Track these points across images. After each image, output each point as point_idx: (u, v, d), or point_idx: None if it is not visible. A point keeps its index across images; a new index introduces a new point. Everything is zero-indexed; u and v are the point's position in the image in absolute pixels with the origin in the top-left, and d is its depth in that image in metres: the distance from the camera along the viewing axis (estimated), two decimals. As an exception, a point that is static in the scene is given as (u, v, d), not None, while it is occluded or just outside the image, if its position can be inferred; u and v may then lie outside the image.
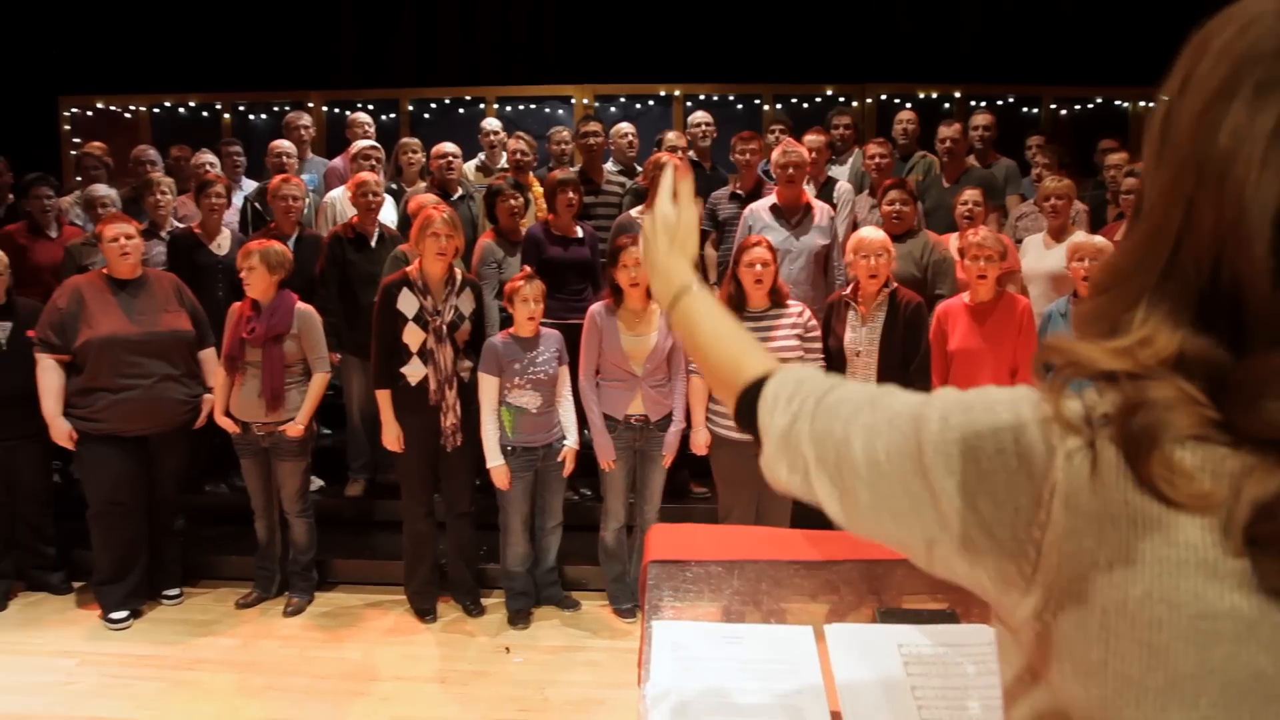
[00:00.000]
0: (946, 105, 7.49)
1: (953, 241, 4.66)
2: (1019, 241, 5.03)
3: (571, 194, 4.66)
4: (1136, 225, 0.71)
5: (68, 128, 7.86)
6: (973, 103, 7.23)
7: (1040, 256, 4.77)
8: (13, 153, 6.05)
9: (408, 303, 3.98)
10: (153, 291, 4.24)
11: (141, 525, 4.28)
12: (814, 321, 3.96)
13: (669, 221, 1.16)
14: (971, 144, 5.79)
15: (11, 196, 5.82)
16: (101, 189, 5.35)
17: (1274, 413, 0.59)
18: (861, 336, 3.94)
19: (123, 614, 4.21)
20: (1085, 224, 5.13)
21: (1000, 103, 7.36)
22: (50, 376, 4.09)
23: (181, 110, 7.91)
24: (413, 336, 3.98)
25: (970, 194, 4.77)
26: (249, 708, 3.52)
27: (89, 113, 7.91)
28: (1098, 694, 0.63)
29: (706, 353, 1.05)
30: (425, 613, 4.27)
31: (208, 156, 6.04)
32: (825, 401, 0.85)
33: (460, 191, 5.47)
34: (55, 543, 4.63)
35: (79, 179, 6.28)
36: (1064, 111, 7.61)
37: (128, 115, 7.91)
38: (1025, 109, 7.57)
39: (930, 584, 1.45)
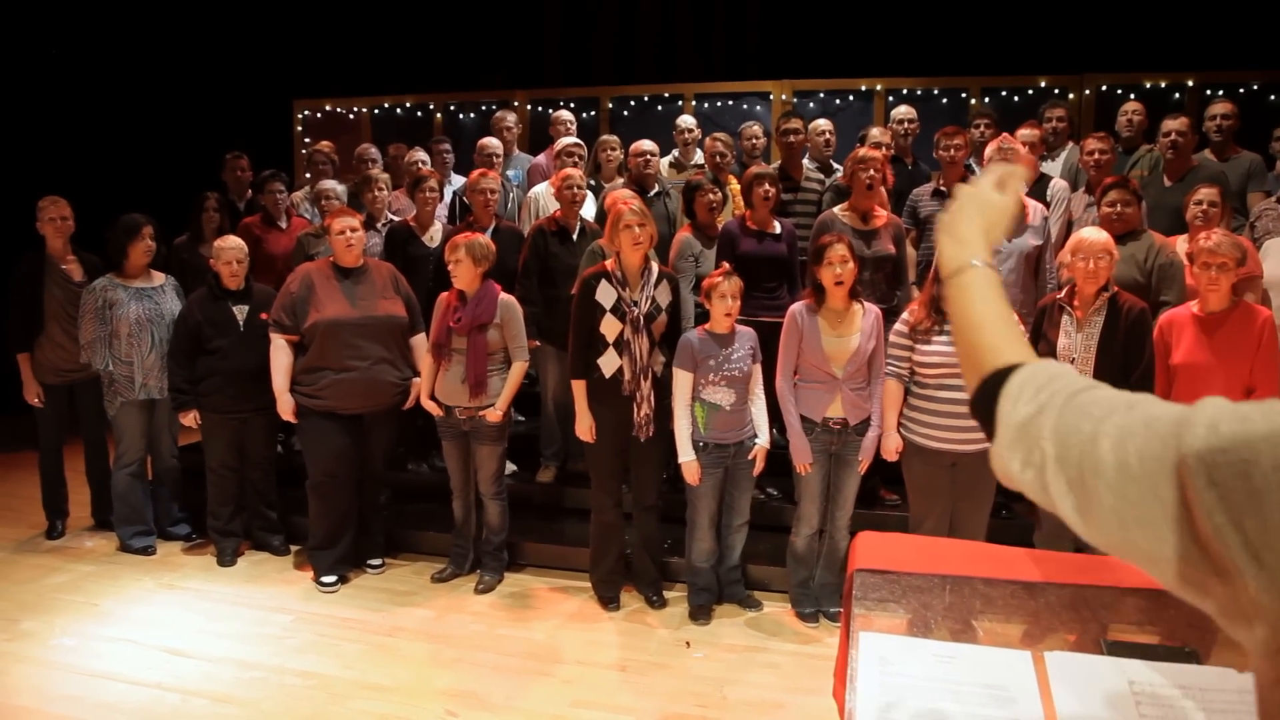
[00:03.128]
0: (1177, 95, 6.87)
1: (1181, 244, 4.27)
2: (1259, 243, 4.55)
3: (768, 187, 4.60)
4: None
5: (300, 128, 8.54)
6: (1209, 91, 6.59)
7: (1284, 261, 4.30)
8: (252, 151, 6.61)
9: (606, 294, 4.05)
10: (372, 279, 4.52)
11: (353, 498, 4.59)
12: (1022, 327, 3.74)
13: (986, 199, 1.13)
14: (1208, 136, 5.28)
15: (250, 191, 6.36)
16: (329, 184, 5.75)
17: None
18: (1077, 343, 3.67)
19: (332, 579, 4.53)
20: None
21: (1242, 90, 6.68)
22: (281, 355, 4.44)
23: (398, 110, 8.42)
24: (610, 327, 4.05)
25: (1206, 192, 4.33)
26: (440, 677, 3.69)
27: (318, 114, 8.55)
28: None
29: (968, 331, 1.00)
30: (609, 601, 4.35)
31: (420, 154, 6.37)
32: (1078, 399, 0.79)
33: (656, 188, 5.52)
34: (277, 508, 5.04)
35: (308, 175, 6.79)
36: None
37: (351, 116, 8.50)
38: (1273, 97, 6.83)
39: (1166, 618, 1.32)
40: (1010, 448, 0.83)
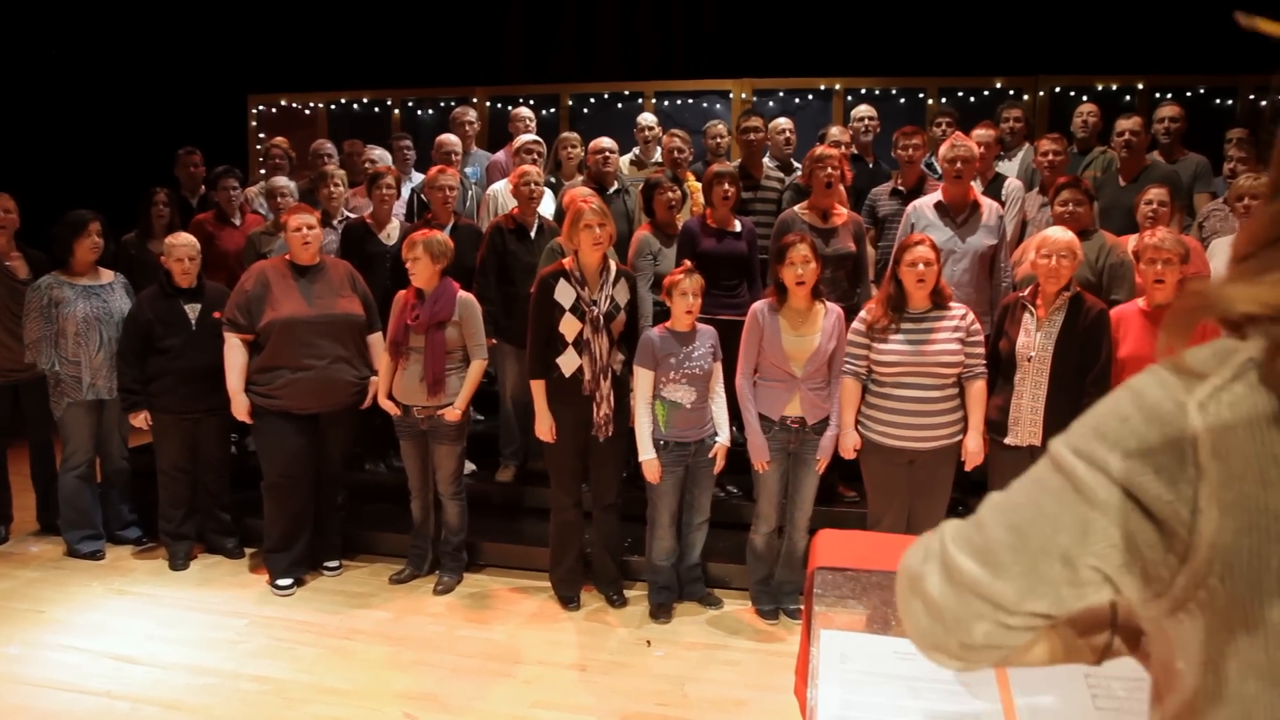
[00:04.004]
0: (1128, 97, 7.01)
1: (1131, 243, 4.35)
2: (1206, 244, 4.65)
3: (728, 186, 4.61)
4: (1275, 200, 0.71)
5: (255, 124, 8.40)
6: (1158, 94, 6.73)
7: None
8: (206, 147, 6.50)
9: (564, 293, 4.03)
10: (329, 277, 4.46)
11: (309, 499, 4.52)
12: (977, 325, 3.77)
13: None
14: (1157, 138, 5.40)
15: (203, 188, 6.25)
16: (281, 181, 5.67)
17: None
18: (1036, 341, 3.72)
19: (288, 581, 4.46)
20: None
21: (1189, 94, 6.83)
22: (236, 354, 4.36)
23: (355, 106, 8.32)
24: (569, 327, 4.03)
25: (1156, 192, 4.42)
26: (398, 680, 3.65)
27: (274, 110, 8.42)
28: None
29: None
30: (569, 600, 4.33)
31: (377, 151, 6.31)
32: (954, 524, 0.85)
33: (615, 185, 5.51)
34: (231, 510, 4.94)
35: (264, 171, 6.69)
36: (1264, 103, 6.98)
37: (307, 111, 8.38)
38: (1218, 100, 6.99)
39: (1121, 610, 1.33)
40: (911, 553, 0.89)
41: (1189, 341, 0.68)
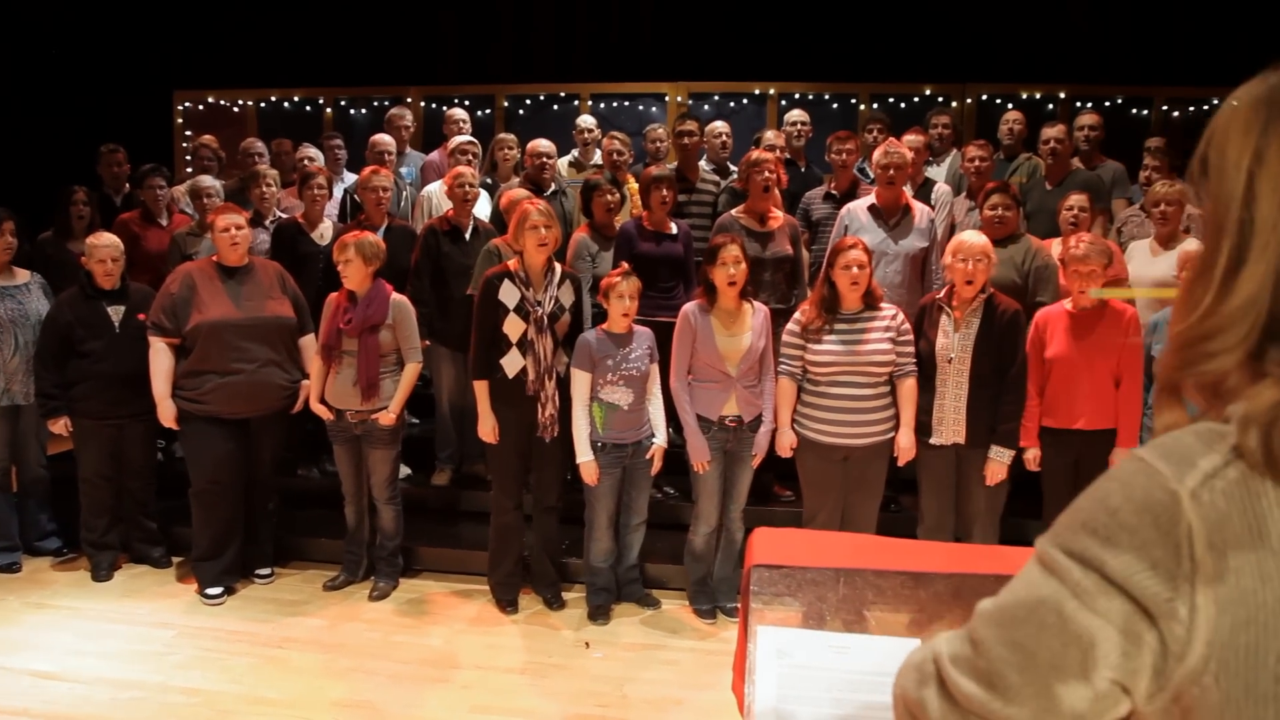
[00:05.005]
0: (1050, 106, 7.24)
1: (1055, 247, 4.50)
2: (1124, 247, 4.83)
3: (666, 190, 4.64)
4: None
5: (180, 121, 8.18)
6: (1079, 103, 6.97)
7: (1146, 263, 4.57)
8: (130, 144, 6.31)
9: (509, 294, 4.01)
10: (258, 279, 4.37)
11: (239, 505, 4.42)
12: (907, 325, 3.87)
13: None
14: (1077, 145, 5.59)
15: (128, 186, 6.07)
16: (207, 180, 5.54)
17: None
18: (954, 342, 3.82)
19: (218, 590, 4.35)
20: (1201, 230, 4.89)
21: (1108, 103, 7.08)
22: (161, 358, 4.25)
23: (286, 104, 8.16)
24: (513, 327, 4.01)
25: (1076, 199, 4.59)
26: (334, 688, 3.59)
27: (200, 106, 8.22)
28: None
29: None
30: (507, 604, 4.31)
31: (310, 151, 6.21)
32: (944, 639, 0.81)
33: (554, 187, 5.50)
34: (157, 519, 4.81)
35: (190, 170, 6.53)
36: (1176, 113, 7.28)
37: (236, 109, 8.20)
38: (1135, 110, 7.27)
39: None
40: (905, 675, 0.85)
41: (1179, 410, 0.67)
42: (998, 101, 7.19)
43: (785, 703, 1.18)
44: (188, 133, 8.00)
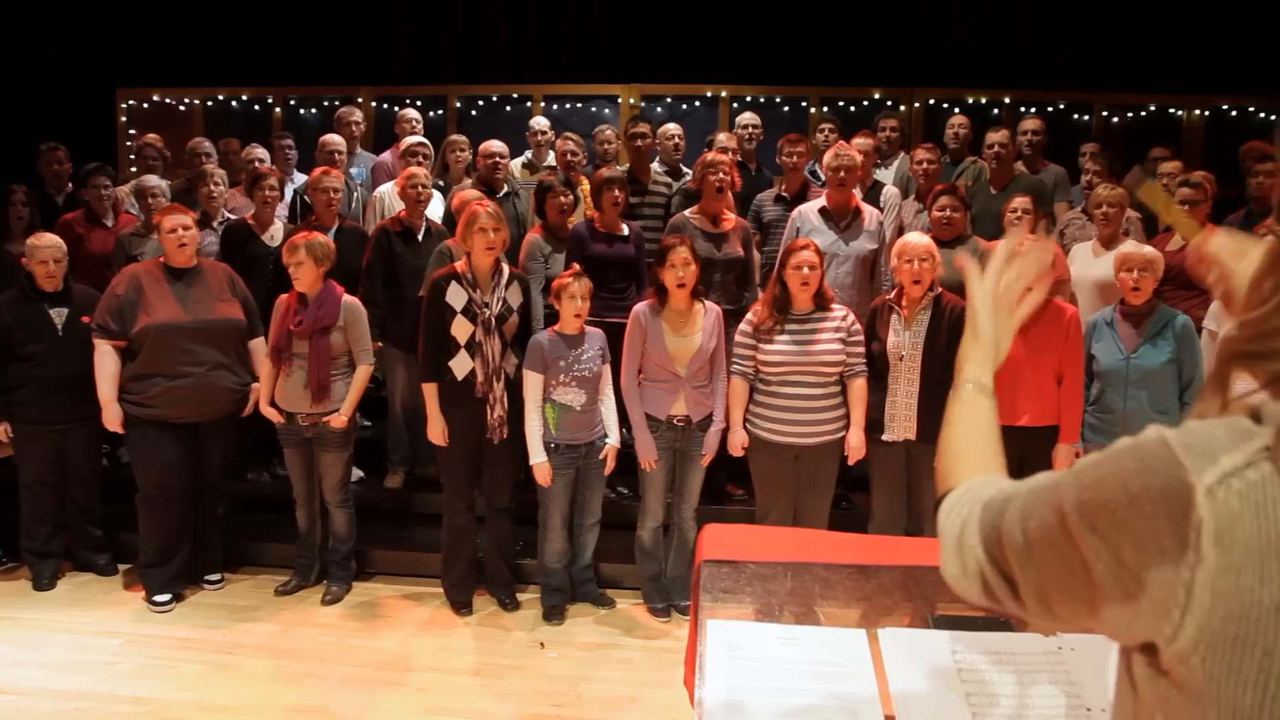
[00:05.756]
0: (996, 111, 7.40)
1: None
2: (1067, 249, 4.95)
3: (618, 192, 4.66)
4: None
5: (124, 119, 8.01)
6: (1022, 108, 7.13)
7: (1088, 264, 4.69)
8: (71, 142, 6.17)
9: (456, 296, 4.01)
10: (207, 281, 4.31)
11: (187, 511, 4.35)
12: (857, 325, 3.94)
13: (1006, 299, 1.17)
14: (1020, 150, 5.72)
15: (70, 186, 5.94)
16: (152, 180, 5.44)
17: None
18: (905, 341, 3.90)
19: (166, 597, 4.28)
20: (1139, 232, 5.05)
21: (1050, 109, 7.26)
22: (107, 362, 4.17)
23: (234, 103, 8.03)
24: (461, 329, 4.01)
25: (1020, 201, 4.69)
26: (286, 694, 3.56)
27: (145, 105, 8.06)
28: None
29: (947, 445, 1.09)
30: (461, 606, 4.30)
31: (259, 151, 6.12)
32: (986, 498, 0.87)
33: (506, 189, 5.50)
34: (102, 525, 4.71)
35: (134, 170, 6.40)
36: (1115, 119, 7.49)
37: (182, 108, 8.05)
38: (1076, 116, 7.46)
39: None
40: (951, 561, 0.90)
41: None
42: (944, 106, 7.33)
43: (735, 694, 1.21)
44: (131, 131, 7.84)
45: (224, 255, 4.91)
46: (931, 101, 7.51)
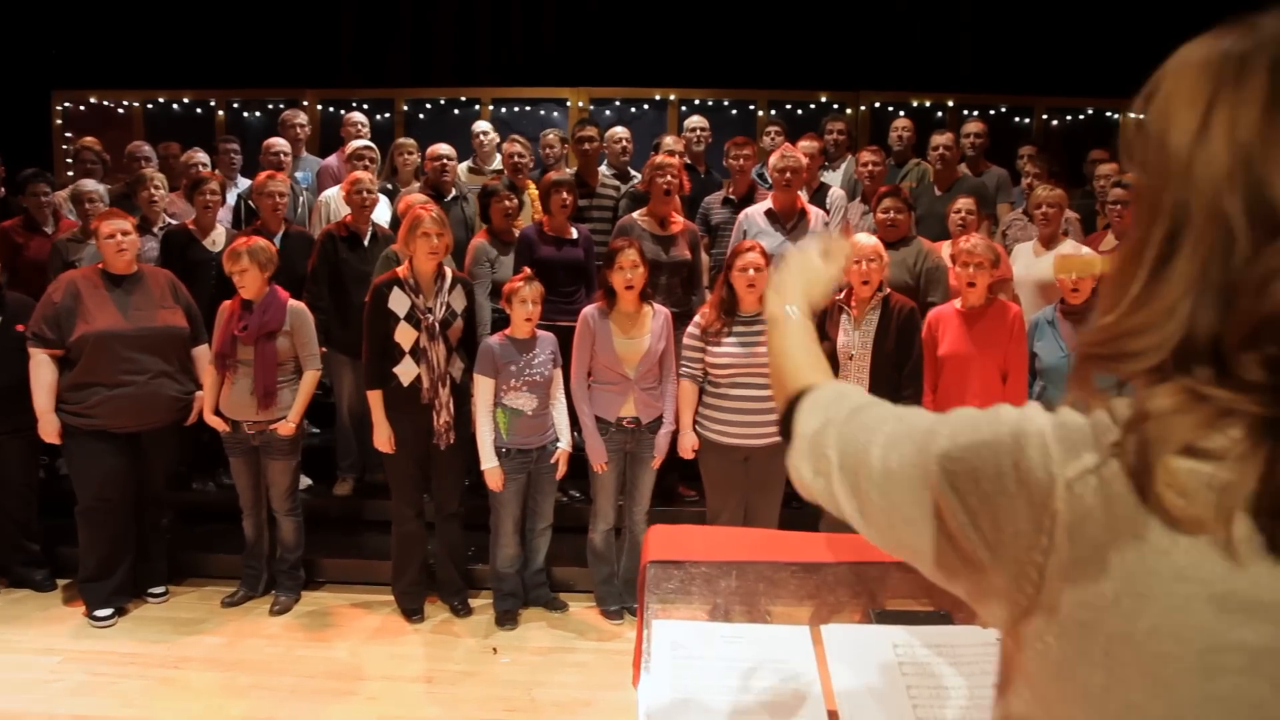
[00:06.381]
0: (939, 114, 7.53)
1: (945, 249, 4.68)
2: (1009, 250, 5.06)
3: (566, 195, 4.66)
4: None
5: (60, 122, 7.81)
6: (965, 112, 7.27)
7: (1029, 264, 4.80)
8: (4, 146, 6.00)
9: (399, 302, 3.97)
10: (148, 288, 4.22)
11: (129, 523, 4.26)
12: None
13: (810, 264, 1.22)
14: (963, 152, 5.82)
15: (3, 190, 5.78)
16: (90, 184, 5.32)
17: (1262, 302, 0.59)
18: (855, 340, 3.95)
19: (108, 612, 4.18)
20: (1078, 232, 5.17)
21: (992, 112, 7.41)
22: (44, 371, 4.06)
23: (175, 106, 7.88)
24: (405, 335, 3.97)
25: (964, 202, 4.79)
26: (234, 706, 3.50)
27: (82, 107, 7.86)
28: (1098, 718, 0.64)
29: (778, 361, 1.10)
30: (413, 613, 4.26)
31: (199, 155, 6.01)
32: (859, 414, 0.88)
33: (454, 192, 5.46)
34: (40, 539, 4.59)
35: (71, 174, 6.25)
36: (1055, 122, 7.67)
37: (120, 111, 7.87)
38: (1017, 119, 7.62)
39: (923, 586, 1.45)
40: (803, 457, 0.92)
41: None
42: (890, 109, 7.44)
43: (678, 694, 1.22)
44: (68, 134, 7.65)
45: (164, 261, 4.81)
46: (877, 105, 7.62)
